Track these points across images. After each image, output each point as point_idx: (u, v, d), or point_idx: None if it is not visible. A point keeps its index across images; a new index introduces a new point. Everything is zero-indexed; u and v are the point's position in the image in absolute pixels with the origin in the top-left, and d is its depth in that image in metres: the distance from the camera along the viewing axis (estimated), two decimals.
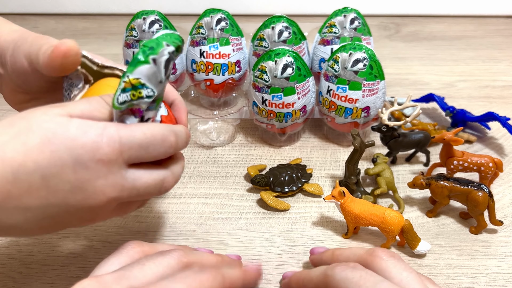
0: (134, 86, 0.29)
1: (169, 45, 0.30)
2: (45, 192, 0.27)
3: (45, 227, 0.29)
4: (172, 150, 0.31)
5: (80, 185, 0.27)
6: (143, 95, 0.29)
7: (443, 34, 0.88)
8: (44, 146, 0.26)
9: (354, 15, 0.58)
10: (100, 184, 0.28)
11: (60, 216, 0.28)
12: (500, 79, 0.72)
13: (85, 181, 0.27)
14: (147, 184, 0.30)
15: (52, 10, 0.97)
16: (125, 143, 0.28)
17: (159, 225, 0.45)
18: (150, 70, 0.29)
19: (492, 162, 0.47)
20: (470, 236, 0.44)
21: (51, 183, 0.26)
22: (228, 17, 0.58)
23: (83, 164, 0.27)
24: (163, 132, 0.30)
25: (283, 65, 0.50)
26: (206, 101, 0.64)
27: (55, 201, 0.27)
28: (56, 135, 0.27)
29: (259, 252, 0.42)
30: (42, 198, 0.27)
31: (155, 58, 0.29)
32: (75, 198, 0.27)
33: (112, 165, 0.28)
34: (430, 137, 0.51)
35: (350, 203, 0.42)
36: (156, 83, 0.30)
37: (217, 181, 0.51)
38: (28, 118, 0.27)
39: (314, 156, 0.55)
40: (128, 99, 0.29)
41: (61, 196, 0.27)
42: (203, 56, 0.58)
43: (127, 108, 0.30)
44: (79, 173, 0.27)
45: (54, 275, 0.40)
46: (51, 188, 0.27)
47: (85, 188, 0.27)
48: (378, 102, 0.52)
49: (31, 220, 0.27)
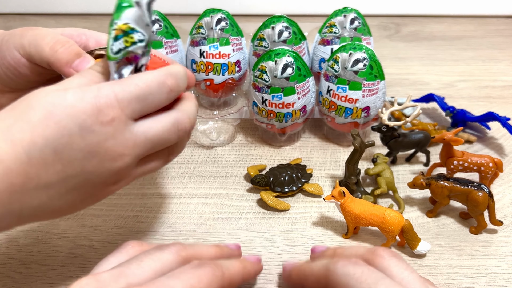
0: (125, 32, 0.29)
1: None
2: (60, 165, 0.27)
3: (73, 202, 0.29)
4: (173, 94, 0.31)
5: (92, 150, 0.27)
6: (136, 39, 0.29)
7: (443, 34, 0.88)
8: (48, 119, 0.26)
9: (354, 15, 0.58)
10: (110, 145, 0.28)
11: (83, 187, 0.28)
12: (500, 79, 0.72)
13: (95, 144, 0.27)
14: (160, 132, 0.30)
15: (52, 10, 0.97)
16: (122, 99, 0.28)
17: (159, 225, 0.45)
18: (136, 13, 0.29)
19: (492, 162, 0.47)
20: (470, 236, 0.44)
21: (63, 154, 0.27)
22: (228, 17, 0.58)
23: (88, 128, 0.27)
24: (157, 78, 0.30)
25: (283, 65, 0.50)
26: (206, 101, 0.64)
27: (72, 172, 0.27)
28: (56, 106, 0.27)
29: (259, 252, 0.42)
30: (59, 172, 0.27)
31: (137, 1, 0.29)
32: (91, 164, 0.28)
33: (117, 124, 0.28)
34: (430, 137, 0.51)
35: (350, 203, 0.42)
36: (144, 26, 0.30)
37: (217, 181, 0.51)
38: (28, 98, 0.28)
39: (314, 156, 0.55)
40: (123, 46, 0.29)
41: (77, 165, 0.27)
42: (203, 56, 0.58)
43: (123, 57, 0.29)
44: (87, 139, 0.27)
45: (54, 275, 0.40)
46: (65, 159, 0.27)
47: (97, 152, 0.28)
48: (378, 102, 0.52)
49: (55, 197, 0.28)
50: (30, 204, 0.27)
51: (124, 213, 0.47)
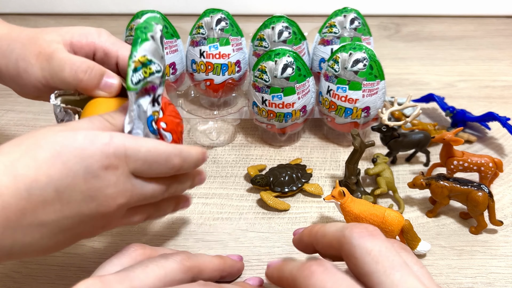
0: (144, 64, 0.30)
1: (157, 23, 0.31)
2: (59, 205, 0.27)
3: (61, 242, 0.29)
4: (173, 172, 0.32)
5: (92, 194, 0.28)
6: (153, 70, 0.31)
7: (443, 34, 0.88)
8: (55, 159, 0.27)
9: (354, 15, 0.58)
10: (110, 192, 0.28)
11: (75, 228, 0.29)
12: (500, 79, 0.72)
13: (96, 189, 0.28)
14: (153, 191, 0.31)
15: (52, 10, 0.97)
16: (131, 155, 0.29)
17: (159, 225, 0.45)
18: (152, 46, 0.31)
19: (492, 162, 0.47)
20: (470, 236, 0.44)
21: (64, 195, 0.27)
22: (228, 17, 0.58)
23: (93, 173, 0.27)
24: (168, 154, 0.30)
25: (283, 65, 0.50)
26: (206, 101, 0.64)
27: (69, 213, 0.28)
28: (65, 147, 0.27)
29: (259, 252, 0.42)
30: (57, 211, 0.27)
31: (152, 35, 0.31)
32: (88, 207, 0.28)
33: (120, 174, 0.28)
34: (430, 137, 0.51)
35: (350, 203, 0.42)
36: (159, 58, 0.32)
37: (217, 181, 0.51)
38: (35, 135, 0.28)
39: (314, 156, 0.55)
40: (142, 77, 0.30)
41: (75, 207, 0.28)
42: (203, 56, 0.58)
43: (142, 87, 0.31)
44: (90, 182, 0.27)
45: (54, 275, 0.40)
46: (65, 200, 0.27)
47: (97, 197, 0.28)
48: (378, 102, 0.52)
49: (47, 235, 0.28)
50: (22, 241, 0.27)
51: None
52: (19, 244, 0.27)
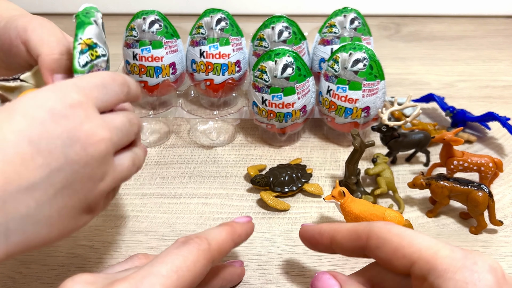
0: (90, 46, 0.30)
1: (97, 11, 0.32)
2: (40, 158, 0.25)
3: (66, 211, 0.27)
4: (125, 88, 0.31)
5: (71, 135, 0.26)
6: (100, 53, 0.31)
7: (443, 34, 0.88)
8: (14, 114, 0.25)
9: (354, 15, 0.58)
10: (88, 128, 0.27)
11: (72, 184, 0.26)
12: (500, 79, 0.72)
13: (72, 128, 0.26)
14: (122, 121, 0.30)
15: (52, 10, 0.97)
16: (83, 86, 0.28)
17: (159, 225, 0.45)
18: (96, 30, 0.31)
19: (492, 162, 0.47)
20: (470, 236, 0.44)
21: (41, 145, 0.25)
22: (228, 17, 0.58)
23: (59, 113, 0.26)
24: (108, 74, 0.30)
25: (283, 65, 0.50)
26: (206, 101, 0.64)
27: (56, 164, 0.25)
28: (20, 101, 0.26)
29: (259, 252, 0.42)
30: (42, 166, 0.25)
31: (95, 20, 0.31)
32: (74, 150, 0.26)
33: (86, 107, 0.27)
34: (430, 137, 0.51)
35: (350, 203, 0.42)
36: (103, 43, 0.32)
37: (217, 181, 0.51)
38: None
39: (314, 156, 0.55)
40: (89, 59, 0.30)
41: (60, 155, 0.25)
42: (203, 56, 0.58)
43: (89, 70, 0.31)
44: (61, 124, 0.26)
45: (54, 275, 0.40)
46: (44, 150, 0.25)
47: (77, 136, 0.26)
48: (378, 102, 0.52)
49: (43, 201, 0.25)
50: (17, 213, 0.24)
51: (124, 213, 0.47)
52: (15, 218, 0.24)
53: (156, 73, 0.57)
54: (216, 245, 0.30)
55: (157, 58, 0.57)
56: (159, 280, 0.26)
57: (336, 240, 0.31)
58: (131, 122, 0.31)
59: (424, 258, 0.26)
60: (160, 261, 0.27)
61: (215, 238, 0.31)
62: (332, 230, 0.32)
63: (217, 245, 0.30)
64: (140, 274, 0.26)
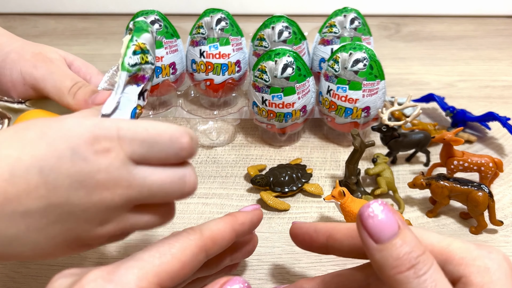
0: (143, 50, 0.30)
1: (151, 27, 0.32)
2: (44, 189, 0.24)
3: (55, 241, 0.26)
4: (184, 154, 0.27)
5: (80, 179, 0.25)
6: (149, 60, 0.31)
7: (443, 34, 0.88)
8: (40, 139, 0.25)
9: (354, 15, 0.58)
10: (101, 178, 0.25)
11: (66, 221, 0.26)
12: (500, 79, 0.72)
13: (85, 174, 0.25)
14: (162, 181, 0.26)
15: (52, 10, 0.97)
16: (124, 136, 0.26)
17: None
18: (151, 39, 0.31)
19: (492, 162, 0.47)
20: (470, 236, 0.44)
21: (49, 178, 0.24)
22: (228, 17, 0.58)
23: (81, 155, 0.25)
24: (172, 132, 0.26)
25: (283, 65, 0.50)
26: (206, 101, 0.64)
27: (56, 200, 0.25)
28: (52, 128, 0.25)
29: (259, 252, 0.42)
30: (42, 197, 0.25)
31: (152, 30, 0.31)
32: (77, 195, 0.25)
33: (113, 158, 0.25)
34: (430, 137, 0.51)
35: (350, 203, 0.42)
36: (153, 54, 0.32)
37: (217, 181, 0.51)
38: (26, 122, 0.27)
39: (314, 156, 0.55)
40: (139, 61, 0.30)
41: (62, 193, 0.25)
42: (203, 56, 0.58)
43: (135, 72, 0.30)
44: (77, 165, 0.25)
45: (54, 275, 0.40)
46: (50, 184, 0.24)
47: (86, 183, 0.25)
48: (378, 102, 0.52)
49: (34, 228, 0.25)
50: (6, 232, 0.24)
51: None
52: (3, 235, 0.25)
53: (156, 73, 0.57)
54: (209, 233, 0.29)
55: (157, 58, 0.57)
56: (139, 264, 0.25)
57: (334, 238, 0.31)
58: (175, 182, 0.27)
59: (438, 251, 0.26)
60: (144, 249, 0.27)
61: (209, 228, 0.30)
62: (330, 228, 0.31)
63: (210, 233, 0.29)
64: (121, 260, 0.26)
